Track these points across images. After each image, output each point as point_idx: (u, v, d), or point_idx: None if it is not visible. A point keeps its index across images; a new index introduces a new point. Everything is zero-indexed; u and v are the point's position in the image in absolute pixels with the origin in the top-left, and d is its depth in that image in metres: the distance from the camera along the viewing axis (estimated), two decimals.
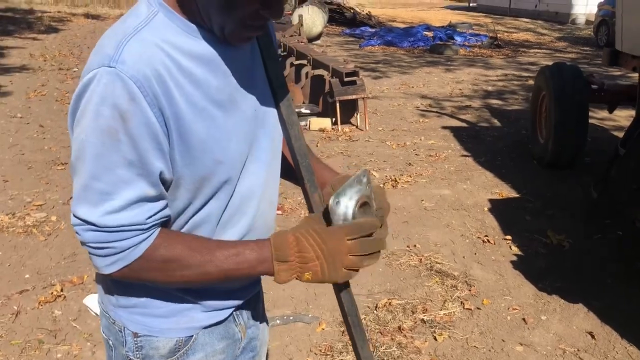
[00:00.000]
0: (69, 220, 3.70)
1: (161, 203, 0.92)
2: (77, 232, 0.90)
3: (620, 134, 5.95)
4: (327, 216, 0.95)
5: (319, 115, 6.57)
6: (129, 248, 0.89)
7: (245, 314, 1.15)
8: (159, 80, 0.85)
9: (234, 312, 1.10)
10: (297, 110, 6.75)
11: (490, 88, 8.89)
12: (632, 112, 6.65)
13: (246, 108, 0.99)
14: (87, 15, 17.33)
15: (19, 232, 3.61)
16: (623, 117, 6.66)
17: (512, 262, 3.43)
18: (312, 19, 13.72)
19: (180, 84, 0.88)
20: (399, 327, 2.76)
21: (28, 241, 3.52)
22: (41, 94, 7.30)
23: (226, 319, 1.08)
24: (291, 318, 2.85)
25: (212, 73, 0.92)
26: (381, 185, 4.64)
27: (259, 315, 1.22)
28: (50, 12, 17.22)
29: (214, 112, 0.92)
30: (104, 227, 0.87)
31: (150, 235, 0.91)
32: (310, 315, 2.87)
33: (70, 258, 3.32)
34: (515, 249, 3.59)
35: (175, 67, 0.88)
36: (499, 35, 15.38)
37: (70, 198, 4.30)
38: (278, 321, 2.80)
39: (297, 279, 0.95)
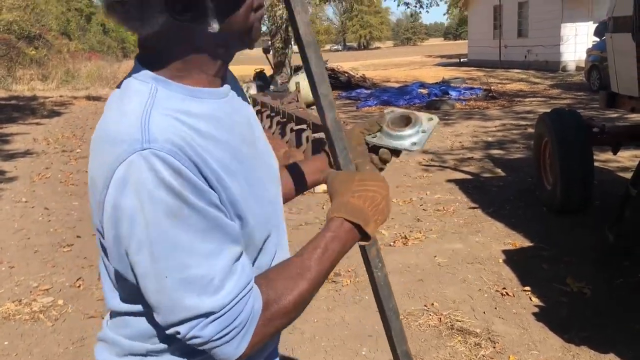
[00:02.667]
0: (76, 303, 3.61)
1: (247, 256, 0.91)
2: (194, 337, 0.81)
3: (625, 175, 5.93)
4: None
5: None
6: (250, 315, 0.83)
7: None
8: (191, 148, 0.82)
9: None
10: None
11: (490, 139, 8.94)
12: (636, 152, 6.67)
13: (260, 156, 1.00)
14: (88, 98, 17.75)
15: (25, 319, 3.52)
16: (626, 157, 6.65)
17: (534, 314, 3.32)
18: (309, 85, 14.01)
19: (207, 149, 0.85)
20: None
21: (35, 328, 3.42)
22: (45, 177, 7.35)
23: None
24: None
25: (227, 131, 0.91)
26: (391, 244, 4.57)
27: None
28: (52, 97, 17.64)
29: (242, 169, 0.90)
30: (222, 307, 0.80)
31: (254, 288, 0.87)
32: None
33: (79, 343, 3.22)
34: (535, 300, 3.48)
35: (197, 134, 0.85)
36: (492, 87, 15.65)
37: (78, 279, 4.21)
38: None
39: None
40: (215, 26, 0.86)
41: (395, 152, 1.24)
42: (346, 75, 19.57)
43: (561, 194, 4.77)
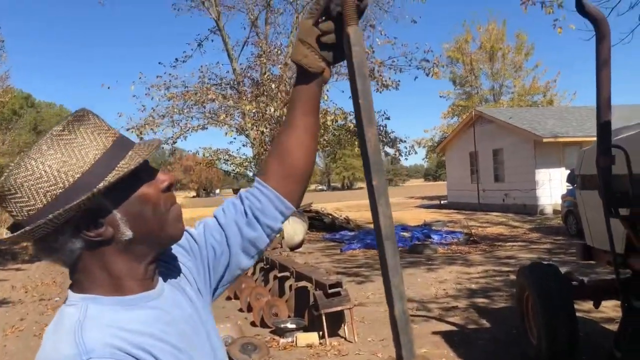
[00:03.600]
0: None
1: None
2: None
3: (610, 326, 5.89)
4: None
5: (305, 329, 6.44)
6: None
7: None
8: (131, 346, 0.85)
9: None
10: (282, 325, 6.66)
11: (473, 286, 8.94)
12: (618, 302, 6.68)
13: (198, 342, 1.02)
14: None
15: None
16: (609, 307, 6.64)
17: None
18: (293, 228, 14.22)
19: (147, 343, 0.88)
20: None
21: None
22: (19, 330, 7.10)
23: None
24: None
25: (163, 329, 0.94)
26: None
27: None
28: None
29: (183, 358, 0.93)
30: None
31: None
32: None
33: None
34: None
35: (134, 335, 0.88)
36: (473, 230, 15.95)
37: None
38: None
39: None
40: (128, 233, 0.92)
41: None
42: (330, 217, 19.94)
43: (547, 350, 4.70)
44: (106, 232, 0.91)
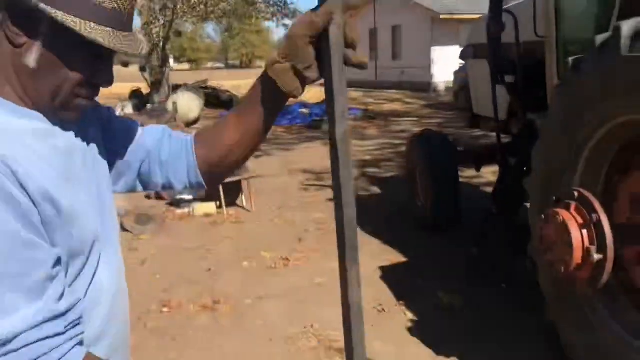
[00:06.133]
0: None
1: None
2: None
3: (489, 189, 6.37)
4: None
5: (202, 200, 6.42)
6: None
7: None
8: (12, 159, 0.81)
9: None
10: (179, 197, 6.61)
11: (367, 157, 9.26)
12: (496, 169, 7.21)
13: (90, 186, 0.98)
14: None
15: None
16: (490, 172, 7.15)
17: (408, 329, 3.44)
18: (188, 104, 13.75)
19: (32, 161, 0.84)
20: None
21: None
22: None
23: None
24: None
25: (53, 150, 0.91)
26: (273, 266, 4.56)
27: None
28: None
29: (67, 187, 0.90)
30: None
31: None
32: None
33: None
34: (410, 315, 3.61)
35: (21, 146, 0.85)
36: (370, 107, 16.29)
37: None
38: None
39: None
40: (32, 64, 0.86)
41: None
42: (228, 94, 19.44)
43: (431, 212, 5.02)
44: (20, 40, 0.86)
